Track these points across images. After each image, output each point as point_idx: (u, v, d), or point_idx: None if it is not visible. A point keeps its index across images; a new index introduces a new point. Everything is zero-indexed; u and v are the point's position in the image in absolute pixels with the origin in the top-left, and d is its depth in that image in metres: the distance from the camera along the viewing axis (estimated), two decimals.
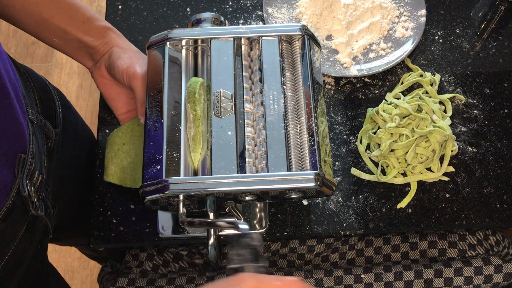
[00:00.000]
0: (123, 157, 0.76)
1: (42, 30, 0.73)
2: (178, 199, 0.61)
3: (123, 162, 0.75)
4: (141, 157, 0.74)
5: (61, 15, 0.72)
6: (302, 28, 0.70)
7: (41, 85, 0.76)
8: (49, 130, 0.71)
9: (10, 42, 1.84)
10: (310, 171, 0.61)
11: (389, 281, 0.74)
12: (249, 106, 0.67)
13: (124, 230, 0.76)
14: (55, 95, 0.79)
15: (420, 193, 0.78)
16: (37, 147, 0.65)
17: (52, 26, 0.72)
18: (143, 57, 0.74)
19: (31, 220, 0.63)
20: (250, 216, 0.75)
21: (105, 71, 0.75)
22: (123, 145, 0.76)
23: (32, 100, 0.70)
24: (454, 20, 0.91)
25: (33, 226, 0.65)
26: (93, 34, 0.73)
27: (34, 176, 0.63)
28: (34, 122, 0.66)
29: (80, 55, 0.76)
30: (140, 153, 0.74)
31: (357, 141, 0.81)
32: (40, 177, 0.65)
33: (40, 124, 0.68)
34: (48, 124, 0.71)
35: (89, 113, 1.76)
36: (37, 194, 0.64)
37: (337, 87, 0.85)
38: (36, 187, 0.63)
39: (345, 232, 0.76)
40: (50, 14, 0.71)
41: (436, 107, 0.79)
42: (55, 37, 0.73)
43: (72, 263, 1.57)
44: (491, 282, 0.75)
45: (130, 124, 0.77)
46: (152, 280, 0.75)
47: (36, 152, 0.64)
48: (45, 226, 0.68)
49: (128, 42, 0.76)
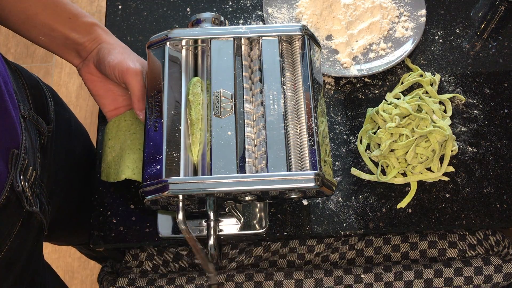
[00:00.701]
0: (108, 152, 0.76)
1: (28, 27, 0.72)
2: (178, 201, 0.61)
3: (108, 157, 0.76)
4: (125, 150, 0.74)
5: (46, 12, 0.71)
6: (302, 28, 0.70)
7: (33, 82, 0.76)
8: (41, 126, 0.70)
9: (10, 42, 1.84)
10: (310, 171, 0.61)
11: (389, 281, 0.74)
12: (249, 106, 0.67)
13: (124, 230, 0.76)
14: (47, 92, 0.79)
15: (420, 193, 0.78)
16: (30, 142, 0.65)
17: (38, 23, 0.71)
18: (133, 52, 0.74)
19: (26, 216, 0.63)
20: (250, 216, 0.75)
21: (94, 68, 0.74)
22: (109, 140, 0.76)
23: (24, 96, 0.70)
24: (454, 20, 0.91)
25: (28, 222, 0.65)
26: (80, 30, 0.73)
27: (27, 172, 0.63)
28: (26, 117, 0.65)
29: (67, 52, 0.75)
30: (125, 146, 0.74)
31: (357, 141, 0.81)
32: (34, 173, 0.65)
33: (32, 120, 0.68)
34: (40, 120, 0.71)
35: (89, 113, 1.76)
36: (31, 190, 0.64)
37: (337, 87, 0.85)
38: (30, 182, 0.63)
39: (345, 232, 0.76)
40: (36, 11, 0.70)
41: (436, 107, 0.79)
42: (41, 35, 0.73)
43: (72, 263, 1.57)
44: (491, 282, 0.75)
45: (117, 119, 0.77)
46: (152, 280, 0.75)
47: (29, 147, 0.64)
48: (40, 222, 0.68)
49: (116, 39, 0.76)
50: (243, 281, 0.74)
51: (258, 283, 0.74)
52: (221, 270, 0.77)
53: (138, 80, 0.70)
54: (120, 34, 0.89)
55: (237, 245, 0.81)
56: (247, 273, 0.75)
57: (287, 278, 0.74)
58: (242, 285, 0.74)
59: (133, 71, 0.70)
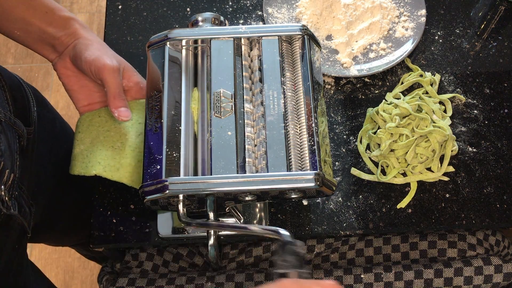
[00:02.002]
0: (76, 144, 0.73)
1: (3, 21, 0.71)
2: (178, 199, 0.61)
3: (76, 150, 0.73)
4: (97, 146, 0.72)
5: (22, 6, 0.70)
6: (302, 28, 0.70)
7: (14, 83, 0.75)
8: (19, 129, 0.69)
9: (10, 42, 1.83)
10: (310, 171, 0.61)
11: (389, 281, 0.74)
12: (249, 106, 0.67)
13: (124, 230, 0.76)
14: (30, 93, 0.78)
15: (420, 193, 0.78)
16: (7, 145, 0.64)
17: (13, 17, 0.70)
18: (111, 49, 0.73)
19: (4, 219, 0.62)
20: (250, 216, 0.75)
21: (69, 63, 0.73)
22: (78, 133, 0.74)
23: (3, 98, 0.69)
24: (454, 20, 0.91)
25: (7, 225, 0.64)
26: (57, 24, 0.71)
27: (4, 175, 0.62)
28: (1, 120, 0.65)
29: (43, 47, 0.74)
30: (97, 142, 0.72)
31: (357, 141, 0.81)
32: (12, 175, 0.64)
33: (9, 122, 0.67)
34: (18, 123, 0.69)
35: None
36: (8, 193, 0.63)
37: (337, 87, 0.85)
38: (8, 186, 0.63)
39: (345, 232, 0.76)
40: (11, 5, 0.69)
41: (436, 107, 0.79)
42: (16, 29, 0.71)
43: (72, 263, 1.57)
44: (491, 282, 0.75)
45: (90, 114, 0.74)
46: (152, 280, 0.75)
47: (6, 150, 0.63)
48: (21, 225, 0.67)
49: (93, 34, 0.74)
50: (243, 281, 0.74)
51: (258, 283, 0.74)
52: (221, 270, 0.77)
53: (114, 77, 0.69)
54: (120, 34, 0.89)
55: (237, 245, 0.81)
56: (247, 273, 0.75)
57: None
58: (242, 285, 0.74)
59: (110, 68, 0.68)
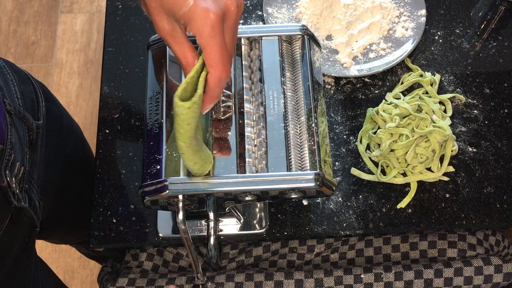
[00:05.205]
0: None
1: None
2: (178, 200, 0.61)
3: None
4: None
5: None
6: (302, 28, 0.70)
7: (23, 78, 0.75)
8: (29, 122, 0.69)
9: (10, 42, 1.84)
10: (310, 171, 0.61)
11: (389, 281, 0.74)
12: (249, 106, 0.67)
13: (124, 230, 0.76)
14: (38, 88, 0.79)
15: (420, 193, 0.78)
16: (17, 138, 0.64)
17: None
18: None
19: (15, 212, 0.63)
20: (250, 216, 0.75)
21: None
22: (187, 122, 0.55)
23: (12, 92, 0.69)
24: (454, 20, 0.91)
25: (18, 218, 0.64)
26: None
27: (14, 167, 0.62)
28: (12, 113, 0.65)
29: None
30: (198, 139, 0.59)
31: (357, 141, 0.81)
32: (22, 168, 0.64)
33: (19, 115, 0.67)
34: (28, 116, 0.70)
35: (89, 113, 1.76)
36: (19, 185, 0.63)
37: (337, 87, 0.85)
38: (18, 178, 0.63)
39: (345, 232, 0.76)
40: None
41: (436, 107, 0.79)
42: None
43: (72, 263, 1.57)
44: (491, 282, 0.75)
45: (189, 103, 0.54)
46: (152, 280, 0.75)
47: (16, 143, 0.64)
48: (31, 218, 0.68)
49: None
50: (243, 281, 0.74)
51: (258, 283, 0.74)
52: (221, 270, 0.77)
53: (219, 43, 0.49)
54: (120, 34, 0.89)
55: (237, 245, 0.81)
56: (247, 273, 0.75)
57: (287, 278, 0.74)
58: (242, 285, 0.74)
59: (213, 20, 0.48)
